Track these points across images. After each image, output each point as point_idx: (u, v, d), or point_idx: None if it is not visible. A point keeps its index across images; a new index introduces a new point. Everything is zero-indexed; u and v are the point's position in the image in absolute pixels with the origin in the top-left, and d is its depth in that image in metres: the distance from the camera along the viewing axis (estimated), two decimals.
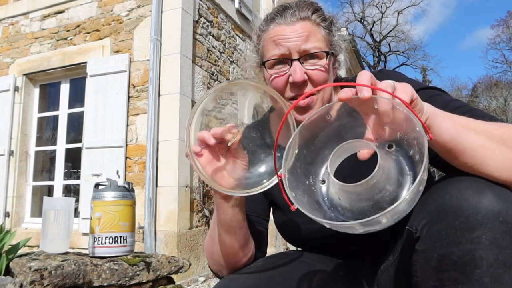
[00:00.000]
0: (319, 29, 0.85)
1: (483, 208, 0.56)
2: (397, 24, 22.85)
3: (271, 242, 6.32)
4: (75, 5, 4.81)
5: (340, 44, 0.90)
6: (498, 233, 0.55)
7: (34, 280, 1.20)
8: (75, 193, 4.74)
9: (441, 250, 0.58)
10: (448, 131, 0.61)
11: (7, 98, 4.90)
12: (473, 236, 0.56)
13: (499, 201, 0.57)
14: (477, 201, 0.57)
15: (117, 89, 4.30)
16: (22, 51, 5.05)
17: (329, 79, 0.86)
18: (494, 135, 0.63)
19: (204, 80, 4.64)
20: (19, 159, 4.85)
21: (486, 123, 0.66)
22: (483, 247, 0.55)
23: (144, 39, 4.29)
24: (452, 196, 0.59)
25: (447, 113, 0.64)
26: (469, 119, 0.65)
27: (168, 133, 4.03)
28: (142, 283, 1.50)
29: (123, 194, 1.46)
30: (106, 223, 1.43)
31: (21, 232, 4.37)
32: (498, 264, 0.55)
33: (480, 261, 0.55)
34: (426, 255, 0.61)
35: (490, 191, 0.58)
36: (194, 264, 4.06)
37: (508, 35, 22.90)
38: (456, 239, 0.57)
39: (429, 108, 0.61)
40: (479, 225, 0.56)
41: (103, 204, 1.44)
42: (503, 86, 22.41)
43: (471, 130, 0.63)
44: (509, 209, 0.57)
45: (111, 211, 1.43)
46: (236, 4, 5.60)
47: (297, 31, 0.83)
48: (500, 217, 0.56)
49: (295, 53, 0.82)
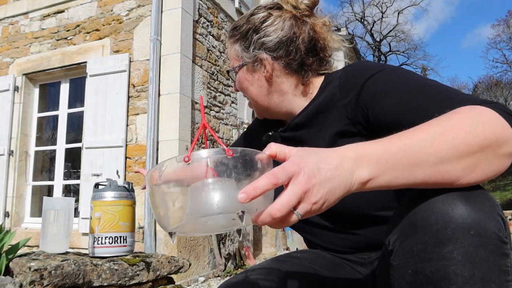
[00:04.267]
0: (233, 46, 0.95)
1: (452, 222, 0.53)
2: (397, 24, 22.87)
3: (271, 242, 6.32)
4: (75, 5, 4.81)
5: (252, 47, 0.90)
6: (471, 248, 0.52)
7: (34, 280, 1.20)
8: (75, 193, 4.74)
9: (414, 266, 0.55)
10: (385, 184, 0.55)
11: (7, 98, 4.90)
12: (444, 252, 0.52)
13: (471, 213, 0.53)
14: (446, 214, 0.53)
15: (117, 89, 4.30)
16: (22, 51, 5.05)
17: (250, 85, 0.94)
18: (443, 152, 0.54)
19: (204, 80, 4.63)
20: (19, 159, 4.85)
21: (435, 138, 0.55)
22: (456, 263, 0.52)
23: (144, 39, 4.28)
24: (421, 209, 0.56)
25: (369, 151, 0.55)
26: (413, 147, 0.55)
27: (168, 133, 4.03)
28: (142, 283, 1.50)
29: (122, 194, 1.45)
30: (106, 223, 1.42)
31: (21, 232, 4.36)
32: (475, 279, 0.51)
33: (454, 277, 0.52)
34: (400, 270, 0.58)
35: (462, 202, 0.54)
36: (194, 264, 4.05)
37: (509, 35, 22.90)
38: (427, 255, 0.54)
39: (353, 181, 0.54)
40: (449, 240, 0.52)
41: (102, 204, 1.42)
42: (504, 86, 22.42)
43: (417, 165, 0.54)
44: (482, 220, 0.52)
45: (111, 211, 1.42)
46: (236, 4, 5.60)
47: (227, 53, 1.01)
48: (471, 230, 0.52)
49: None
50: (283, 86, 0.92)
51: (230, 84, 5.31)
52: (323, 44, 0.92)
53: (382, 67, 0.80)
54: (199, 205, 0.54)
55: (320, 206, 0.51)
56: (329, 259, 0.92)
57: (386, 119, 0.73)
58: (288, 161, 0.52)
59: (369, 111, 0.77)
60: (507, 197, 16.83)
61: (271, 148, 0.56)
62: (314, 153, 0.53)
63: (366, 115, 0.78)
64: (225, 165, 0.54)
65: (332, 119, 0.85)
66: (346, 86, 0.83)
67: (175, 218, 0.56)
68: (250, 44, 0.90)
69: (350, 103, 0.81)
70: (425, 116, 0.60)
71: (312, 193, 0.50)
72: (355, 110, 0.80)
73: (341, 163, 0.53)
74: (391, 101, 0.73)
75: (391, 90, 0.74)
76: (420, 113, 0.65)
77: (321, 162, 0.52)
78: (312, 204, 0.50)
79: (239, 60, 0.94)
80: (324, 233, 0.93)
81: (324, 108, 0.87)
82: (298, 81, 0.92)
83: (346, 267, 0.91)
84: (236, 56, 0.94)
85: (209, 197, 0.54)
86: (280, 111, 0.96)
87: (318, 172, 0.51)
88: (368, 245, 0.89)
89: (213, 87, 4.87)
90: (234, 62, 0.96)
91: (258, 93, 0.94)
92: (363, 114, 0.79)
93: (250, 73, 0.93)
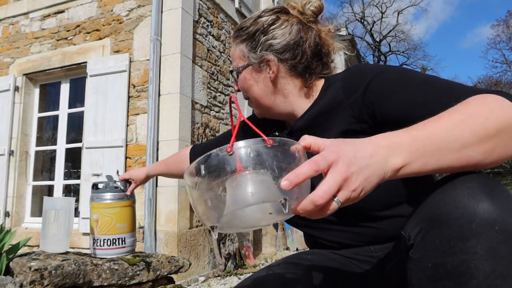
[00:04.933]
0: (238, 46, 0.97)
1: (477, 217, 0.53)
2: (397, 24, 22.87)
3: (271, 242, 6.32)
4: (75, 5, 4.81)
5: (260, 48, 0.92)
6: (495, 243, 0.52)
7: (34, 280, 1.20)
8: (75, 193, 4.74)
9: (435, 260, 0.56)
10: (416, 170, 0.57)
11: (7, 98, 4.90)
12: (467, 246, 0.53)
13: (496, 209, 0.53)
14: (471, 209, 0.54)
15: (117, 89, 4.30)
16: (22, 51, 5.05)
17: (254, 85, 0.96)
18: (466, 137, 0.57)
19: (204, 80, 4.64)
20: (19, 159, 4.86)
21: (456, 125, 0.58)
22: (479, 257, 0.53)
23: (144, 39, 4.29)
24: (446, 203, 0.56)
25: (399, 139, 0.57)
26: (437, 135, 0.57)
27: (168, 133, 4.03)
28: (142, 283, 1.50)
29: (119, 195, 1.43)
30: (103, 225, 1.42)
31: (21, 232, 4.37)
32: (496, 275, 0.52)
33: (476, 272, 0.53)
34: (420, 263, 0.58)
35: (487, 198, 0.54)
36: (194, 264, 4.06)
37: (508, 35, 22.90)
38: (450, 249, 0.54)
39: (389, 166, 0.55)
40: (474, 234, 0.53)
41: (99, 207, 1.42)
42: (503, 86, 22.42)
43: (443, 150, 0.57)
44: (507, 217, 0.53)
45: (108, 213, 1.42)
46: (236, 4, 5.60)
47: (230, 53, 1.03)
48: (496, 226, 0.53)
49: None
50: (287, 87, 0.95)
51: (230, 84, 5.32)
52: (327, 50, 0.96)
53: (384, 67, 0.83)
54: (236, 197, 0.55)
55: (358, 194, 0.53)
56: (337, 260, 0.93)
57: (396, 115, 0.75)
58: (326, 150, 0.54)
59: (375, 109, 0.79)
60: None
61: (305, 140, 0.57)
62: (350, 143, 0.55)
63: (373, 113, 0.80)
64: (265, 155, 0.56)
65: (336, 119, 0.87)
66: (351, 86, 0.85)
67: (215, 213, 0.57)
68: (257, 45, 0.93)
69: (355, 102, 0.83)
70: (439, 108, 0.62)
71: (352, 181, 0.51)
72: (361, 109, 0.82)
73: (375, 151, 0.54)
74: (401, 98, 0.75)
75: (399, 87, 0.76)
76: (433, 106, 0.67)
77: (358, 151, 0.53)
78: (352, 191, 0.52)
79: (244, 60, 0.96)
80: (329, 228, 0.93)
81: (327, 109, 0.89)
82: (302, 84, 0.95)
83: (354, 267, 0.92)
84: (242, 56, 0.96)
85: (245, 188, 0.54)
86: (282, 112, 0.98)
87: (356, 160, 0.52)
88: (373, 239, 0.90)
89: (213, 87, 4.88)
90: (238, 62, 0.97)
91: (261, 92, 0.96)
92: (369, 112, 0.81)
93: (255, 73, 0.95)
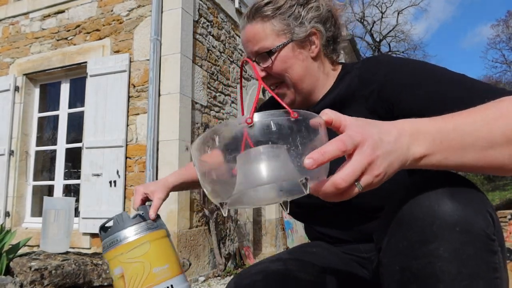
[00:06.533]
0: (266, 24, 0.86)
1: (438, 218, 0.52)
2: (397, 24, 22.86)
3: (271, 242, 6.32)
4: (75, 5, 4.81)
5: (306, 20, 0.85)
6: (458, 244, 0.51)
7: (35, 280, 1.20)
8: (75, 193, 4.74)
9: (401, 264, 0.55)
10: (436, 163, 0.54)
11: (8, 98, 4.90)
12: (430, 249, 0.52)
13: (458, 209, 0.52)
14: (432, 210, 0.53)
15: (117, 89, 4.30)
16: (22, 51, 5.06)
17: (294, 65, 0.86)
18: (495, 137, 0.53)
19: (204, 80, 4.64)
20: (19, 159, 4.86)
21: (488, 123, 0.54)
22: (443, 260, 0.51)
23: (144, 39, 4.29)
24: (408, 206, 0.55)
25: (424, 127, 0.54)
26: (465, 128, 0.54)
27: (168, 133, 4.03)
28: None
29: (143, 226, 0.93)
30: (134, 278, 0.90)
31: (21, 232, 4.37)
32: (463, 276, 0.51)
33: (441, 275, 0.52)
34: (389, 267, 0.58)
35: (449, 199, 0.53)
36: (194, 264, 4.06)
37: (508, 35, 22.90)
38: (413, 252, 0.53)
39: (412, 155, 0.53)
40: (435, 236, 0.52)
41: (119, 253, 0.91)
42: (503, 86, 22.40)
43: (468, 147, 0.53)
44: (469, 217, 0.52)
45: (135, 258, 0.91)
46: (236, 4, 5.60)
47: (247, 36, 0.88)
48: (457, 227, 0.51)
49: (252, 57, 0.89)
50: (326, 65, 0.90)
51: (230, 84, 5.32)
52: (341, 33, 0.92)
53: (404, 60, 0.80)
54: (249, 175, 0.50)
55: (380, 179, 0.49)
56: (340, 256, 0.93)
57: (418, 110, 0.71)
58: (350, 130, 0.50)
59: (394, 105, 0.76)
60: (507, 196, 16.80)
61: (327, 114, 0.52)
62: (374, 125, 0.51)
63: (390, 108, 0.77)
64: (288, 129, 0.50)
65: (350, 109, 0.83)
66: (367, 77, 0.82)
67: (225, 190, 0.52)
68: (300, 17, 0.85)
69: (371, 95, 0.80)
70: (465, 104, 0.58)
71: (376, 165, 0.48)
72: (376, 102, 0.80)
73: (399, 136, 0.51)
74: (422, 92, 0.72)
75: (420, 82, 0.73)
76: (458, 102, 0.63)
77: (383, 134, 0.50)
78: (374, 176, 0.49)
79: (282, 36, 0.85)
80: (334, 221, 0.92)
81: (341, 97, 0.86)
82: (330, 64, 0.91)
83: (354, 265, 0.92)
84: (277, 33, 0.85)
85: (260, 165, 0.49)
86: (318, 97, 0.90)
87: (381, 144, 0.49)
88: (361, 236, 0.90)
89: (213, 87, 4.88)
90: (273, 41, 0.85)
91: (304, 73, 0.87)
92: (385, 106, 0.78)
93: (298, 49, 0.86)
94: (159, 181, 1.05)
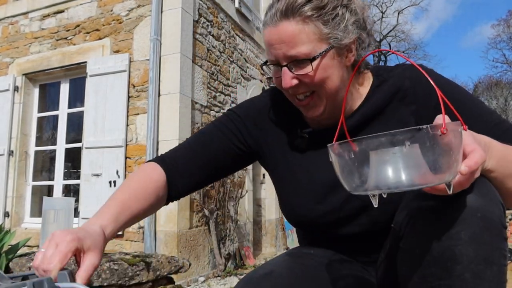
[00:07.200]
0: (307, 25, 0.73)
1: (461, 205, 0.57)
2: (397, 23, 22.85)
3: (271, 242, 6.32)
4: (75, 5, 4.80)
5: (350, 28, 0.76)
6: (477, 229, 0.56)
7: None
8: (75, 193, 4.74)
9: (423, 247, 0.59)
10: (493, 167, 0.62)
11: (7, 98, 4.89)
12: (452, 232, 0.56)
13: (478, 198, 0.57)
14: (454, 198, 0.57)
15: (117, 89, 4.30)
16: (21, 51, 5.05)
17: (333, 75, 0.76)
18: None
19: (204, 80, 4.63)
20: (19, 159, 4.85)
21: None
22: (463, 243, 0.56)
23: (144, 39, 4.28)
24: (429, 194, 0.58)
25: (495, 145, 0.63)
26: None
27: (168, 133, 4.02)
28: (142, 283, 1.50)
29: None
30: None
31: (21, 232, 4.36)
32: (479, 260, 0.55)
33: (460, 257, 0.56)
34: (409, 252, 0.61)
35: (470, 188, 0.57)
36: (194, 264, 4.05)
37: (509, 35, 22.88)
38: (436, 236, 0.58)
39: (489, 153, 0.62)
40: (458, 221, 0.57)
41: None
42: (504, 86, 22.40)
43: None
44: (488, 205, 0.57)
45: None
46: (236, 3, 5.59)
47: (280, 35, 0.74)
48: (478, 213, 0.56)
49: (282, 60, 0.76)
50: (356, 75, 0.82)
51: (230, 84, 5.31)
52: (374, 38, 0.87)
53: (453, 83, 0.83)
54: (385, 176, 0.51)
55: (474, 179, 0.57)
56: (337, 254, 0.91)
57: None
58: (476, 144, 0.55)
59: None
60: None
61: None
62: (476, 137, 0.59)
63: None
64: (458, 139, 0.53)
65: (393, 120, 0.81)
66: (419, 91, 0.80)
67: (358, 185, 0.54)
68: (343, 20, 0.74)
69: (424, 110, 0.79)
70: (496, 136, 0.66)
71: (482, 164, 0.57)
72: (424, 117, 0.78)
73: (487, 149, 0.59)
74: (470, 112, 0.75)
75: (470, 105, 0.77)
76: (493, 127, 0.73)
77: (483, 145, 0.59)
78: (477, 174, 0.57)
79: (323, 42, 0.74)
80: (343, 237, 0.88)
81: (383, 108, 0.82)
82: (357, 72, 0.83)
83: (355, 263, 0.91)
84: (319, 38, 0.73)
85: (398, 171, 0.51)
86: (347, 106, 0.82)
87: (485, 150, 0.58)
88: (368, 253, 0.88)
89: (213, 87, 4.87)
90: (314, 46, 0.74)
91: (340, 84, 0.78)
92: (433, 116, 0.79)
93: (338, 57, 0.76)
94: (93, 230, 0.72)
